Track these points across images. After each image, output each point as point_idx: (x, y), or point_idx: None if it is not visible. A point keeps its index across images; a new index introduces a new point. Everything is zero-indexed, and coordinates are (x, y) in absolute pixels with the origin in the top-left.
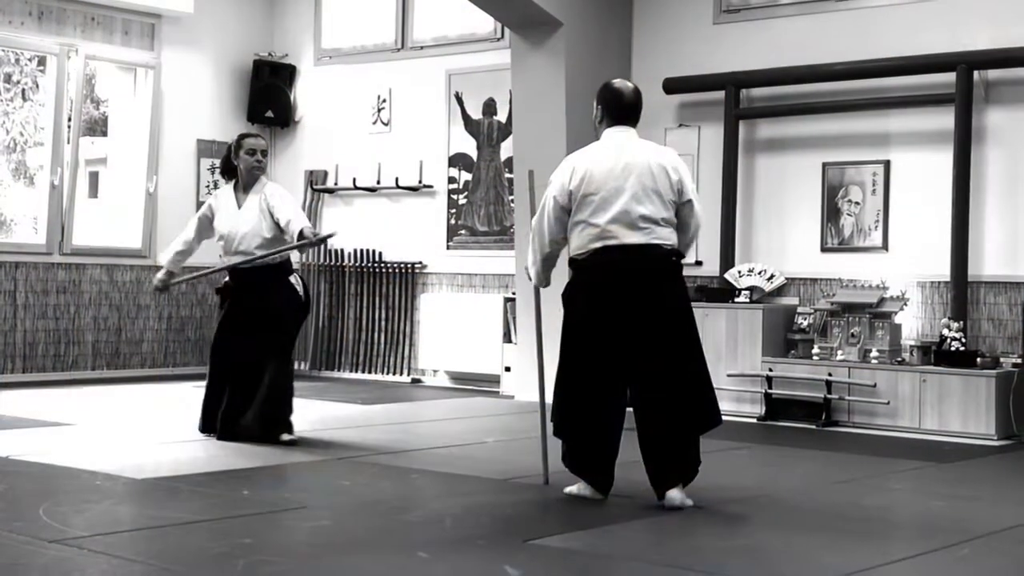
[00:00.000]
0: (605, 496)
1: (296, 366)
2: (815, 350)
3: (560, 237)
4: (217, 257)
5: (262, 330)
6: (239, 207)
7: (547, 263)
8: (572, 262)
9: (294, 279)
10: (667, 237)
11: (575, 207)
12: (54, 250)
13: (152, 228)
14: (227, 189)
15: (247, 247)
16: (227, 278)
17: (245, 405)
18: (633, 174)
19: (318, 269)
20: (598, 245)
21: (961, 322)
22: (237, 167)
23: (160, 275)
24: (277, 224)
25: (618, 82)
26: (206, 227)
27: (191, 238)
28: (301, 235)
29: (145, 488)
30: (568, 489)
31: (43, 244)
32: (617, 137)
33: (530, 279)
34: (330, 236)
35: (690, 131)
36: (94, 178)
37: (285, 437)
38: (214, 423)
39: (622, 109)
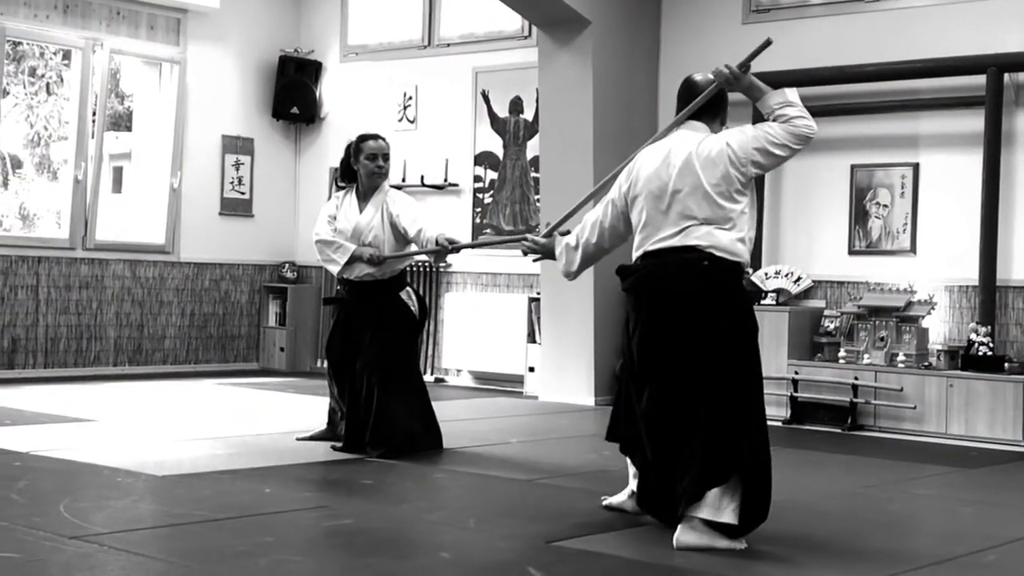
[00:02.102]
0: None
1: (318, 364)
2: (841, 353)
3: (593, 244)
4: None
5: (369, 350)
6: (360, 213)
7: (577, 254)
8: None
9: (405, 294)
10: (707, 238)
11: (631, 211)
12: (77, 245)
13: (176, 224)
14: (350, 194)
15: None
16: (339, 286)
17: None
18: (676, 171)
19: None
20: (639, 252)
21: (989, 327)
22: (357, 172)
23: (368, 250)
24: (403, 236)
25: (696, 75)
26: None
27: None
28: (437, 242)
29: (166, 485)
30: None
31: (66, 239)
32: (678, 133)
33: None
34: (471, 246)
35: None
36: (118, 173)
37: (371, 452)
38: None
39: (686, 103)
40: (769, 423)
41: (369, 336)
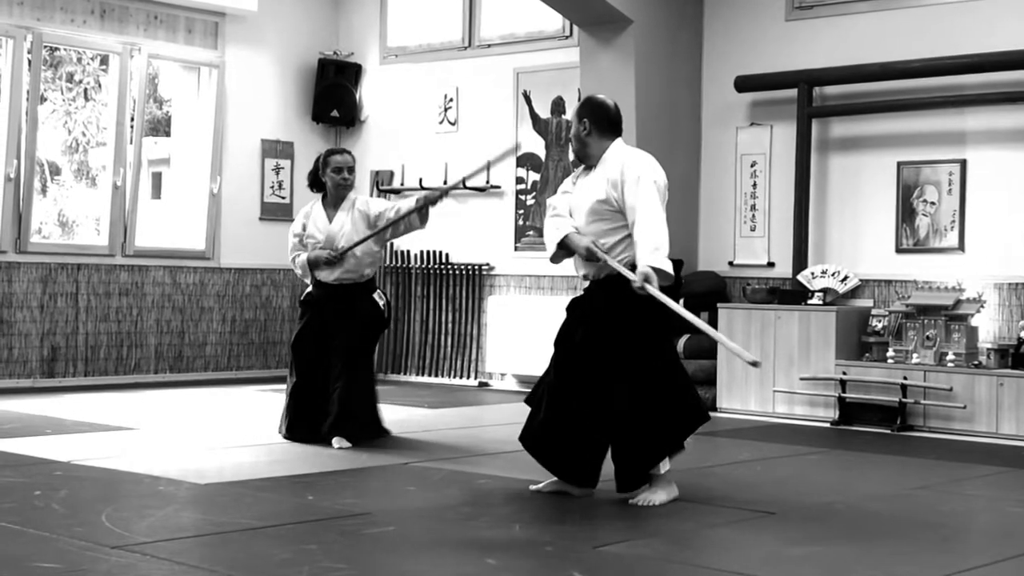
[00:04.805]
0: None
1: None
2: (890, 353)
3: None
4: (290, 262)
5: (338, 341)
6: (329, 222)
7: None
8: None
9: (377, 295)
10: None
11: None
12: (116, 252)
13: (216, 229)
14: (316, 204)
15: (338, 263)
16: (310, 289)
17: (317, 411)
18: None
19: (384, 271)
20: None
21: None
22: (325, 183)
23: (323, 253)
24: (380, 235)
25: (599, 95)
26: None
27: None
28: (416, 202)
29: (208, 493)
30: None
31: (105, 246)
32: None
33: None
34: (457, 186)
35: (762, 130)
36: (157, 179)
37: (336, 444)
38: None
39: (607, 120)
40: (817, 424)
41: (339, 329)
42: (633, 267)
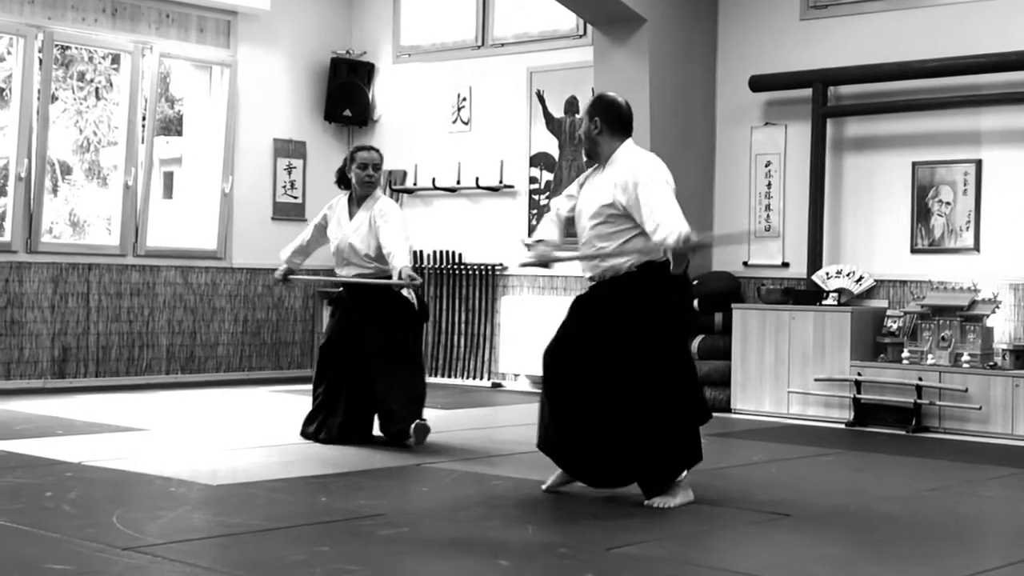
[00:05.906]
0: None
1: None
2: (905, 354)
3: None
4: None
5: (371, 340)
6: (350, 219)
7: None
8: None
9: (406, 291)
10: None
11: None
12: (128, 252)
13: (228, 229)
14: (343, 199)
15: (355, 260)
16: (340, 289)
17: (362, 413)
18: None
19: None
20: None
21: None
22: (351, 179)
23: (279, 270)
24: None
25: (609, 93)
26: (321, 234)
27: (308, 240)
28: (400, 275)
29: (220, 494)
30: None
31: (117, 246)
32: None
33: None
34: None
35: (777, 129)
36: (169, 178)
37: (413, 437)
38: (310, 428)
39: (618, 120)
40: (832, 425)
41: (371, 327)
42: (641, 266)
